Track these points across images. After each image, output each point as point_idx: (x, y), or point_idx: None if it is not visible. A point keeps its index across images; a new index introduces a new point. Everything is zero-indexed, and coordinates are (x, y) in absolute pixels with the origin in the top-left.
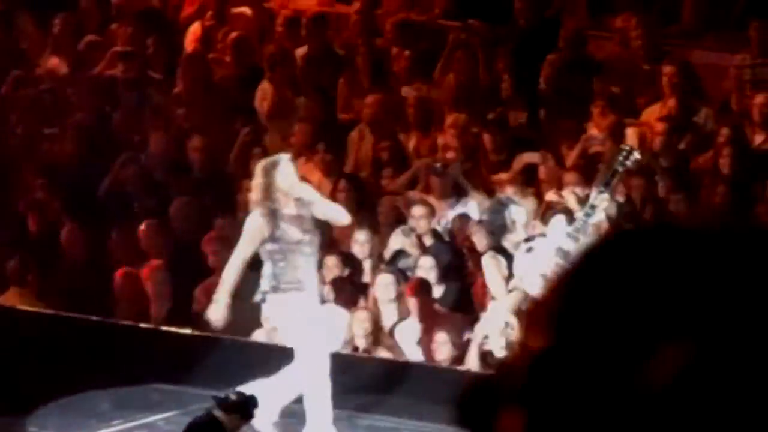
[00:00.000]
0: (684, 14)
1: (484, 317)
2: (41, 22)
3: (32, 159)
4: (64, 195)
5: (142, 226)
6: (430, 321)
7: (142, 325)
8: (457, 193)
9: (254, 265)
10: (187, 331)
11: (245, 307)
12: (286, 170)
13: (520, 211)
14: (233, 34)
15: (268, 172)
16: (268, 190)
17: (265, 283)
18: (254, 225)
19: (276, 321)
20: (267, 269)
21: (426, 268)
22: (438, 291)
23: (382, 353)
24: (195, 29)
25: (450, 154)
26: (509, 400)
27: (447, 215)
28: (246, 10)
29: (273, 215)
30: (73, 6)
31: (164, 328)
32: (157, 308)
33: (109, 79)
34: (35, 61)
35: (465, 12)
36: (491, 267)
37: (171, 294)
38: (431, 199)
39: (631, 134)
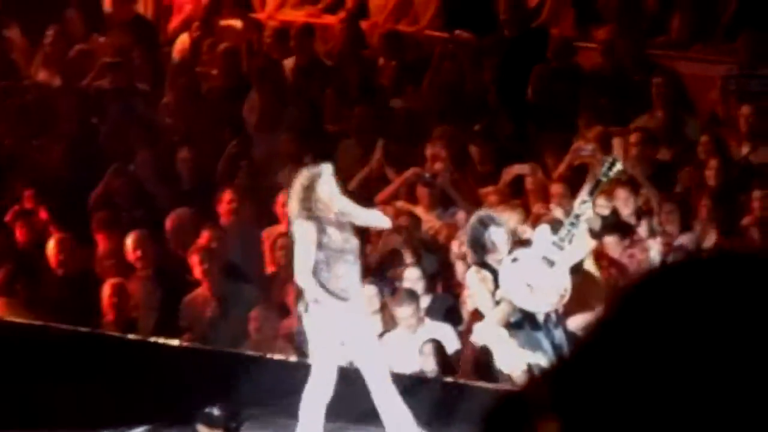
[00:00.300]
0: (672, 25)
1: (476, 329)
2: (30, 33)
3: (20, 169)
4: (52, 205)
5: (130, 237)
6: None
7: (130, 336)
8: (445, 203)
9: (242, 276)
10: (175, 342)
11: (232, 319)
12: (328, 182)
13: (499, 232)
14: (222, 45)
15: (310, 182)
16: (309, 200)
17: (309, 293)
18: (304, 230)
19: (316, 331)
20: (308, 272)
21: (413, 279)
22: (425, 301)
23: None
24: (183, 40)
25: (438, 165)
26: (544, 412)
27: (435, 225)
28: (235, 22)
29: (318, 221)
30: (59, 18)
31: (152, 339)
32: (145, 319)
33: (98, 90)
34: (24, 72)
35: (452, 23)
36: (476, 282)
37: (158, 305)
38: (419, 210)
39: (617, 145)
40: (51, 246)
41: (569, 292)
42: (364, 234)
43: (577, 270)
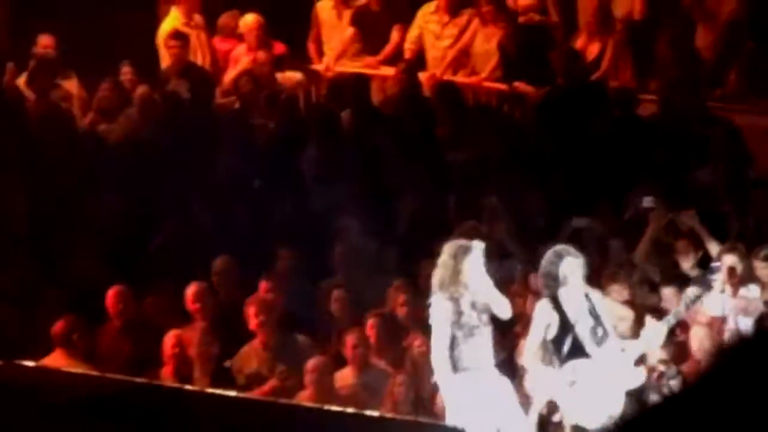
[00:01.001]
0: (728, 78)
1: (539, 380)
2: (87, 85)
3: (79, 219)
4: (110, 256)
5: (190, 289)
6: None
7: (187, 387)
8: (502, 255)
9: (299, 328)
10: (232, 393)
11: (287, 370)
12: (476, 259)
13: (574, 263)
14: (281, 96)
15: (458, 256)
16: (455, 276)
17: (443, 364)
18: (442, 309)
19: (453, 400)
20: (445, 350)
21: None
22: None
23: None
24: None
25: (494, 218)
26: None
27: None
28: (293, 74)
29: (456, 302)
30: (115, 71)
31: (209, 390)
32: (201, 370)
33: (155, 141)
34: (80, 123)
35: (510, 75)
36: (539, 315)
37: (215, 356)
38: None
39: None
40: (109, 296)
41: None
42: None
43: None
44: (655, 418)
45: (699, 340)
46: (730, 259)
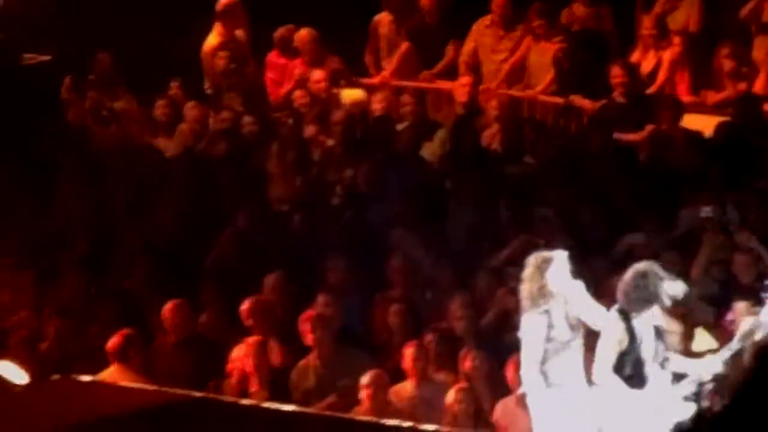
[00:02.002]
0: None
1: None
2: (142, 103)
3: (135, 234)
4: (167, 271)
5: (246, 304)
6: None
7: (244, 401)
8: None
9: (355, 342)
10: (289, 407)
11: (344, 385)
12: (560, 269)
13: (677, 286)
14: (339, 114)
15: (541, 269)
16: (543, 288)
17: (533, 379)
18: (533, 325)
19: (540, 416)
20: (536, 366)
21: None
22: None
23: None
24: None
25: (548, 230)
26: None
27: None
28: (357, 92)
29: (548, 314)
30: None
31: (265, 404)
32: (258, 384)
33: (210, 157)
34: (138, 141)
35: (566, 88)
36: (607, 330)
37: (271, 370)
38: None
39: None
40: (167, 311)
41: None
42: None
43: None
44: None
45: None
46: None
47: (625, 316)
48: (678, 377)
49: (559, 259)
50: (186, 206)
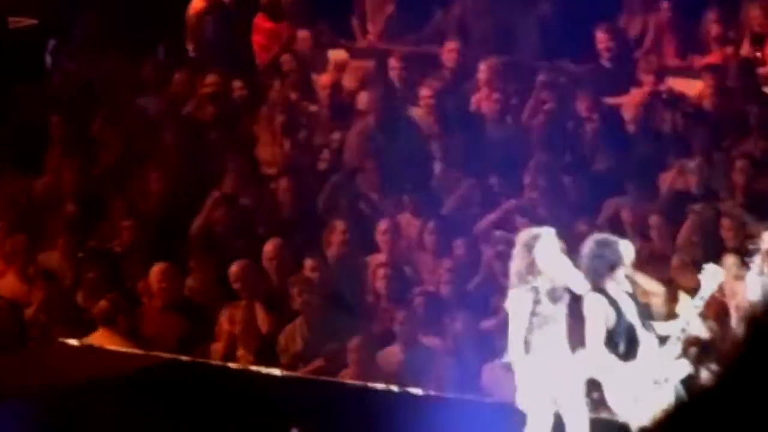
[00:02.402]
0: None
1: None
2: (131, 62)
3: (122, 198)
4: (154, 234)
5: (233, 267)
6: None
7: (231, 365)
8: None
9: (343, 306)
10: (276, 372)
11: (331, 349)
12: (548, 246)
13: (629, 246)
14: (324, 77)
15: (529, 246)
16: (531, 265)
17: (515, 347)
18: (520, 301)
19: (525, 384)
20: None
21: None
22: None
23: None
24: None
25: (534, 195)
26: None
27: None
28: (337, 52)
29: (535, 291)
30: (154, 51)
31: (253, 368)
32: (246, 348)
33: (198, 120)
34: (125, 100)
35: (551, 52)
36: (594, 310)
37: (258, 335)
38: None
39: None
40: (152, 275)
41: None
42: None
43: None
44: (692, 411)
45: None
46: None
47: (601, 291)
48: (662, 339)
49: (547, 235)
50: (173, 169)
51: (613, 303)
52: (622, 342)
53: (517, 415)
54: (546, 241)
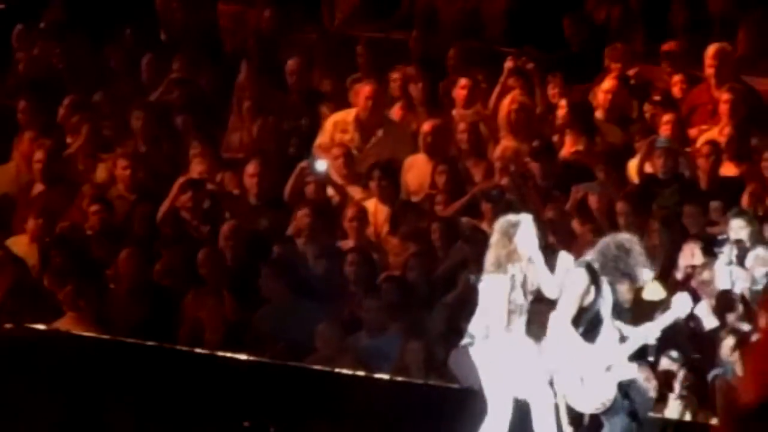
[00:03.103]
0: (739, 42)
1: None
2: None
3: (89, 184)
4: (121, 220)
5: (201, 253)
6: None
7: (198, 350)
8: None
9: (311, 292)
10: (242, 356)
11: (298, 334)
12: (527, 233)
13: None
14: (291, 62)
15: (508, 233)
16: (511, 254)
17: (476, 329)
18: (496, 287)
19: (486, 364)
20: (479, 316)
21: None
22: None
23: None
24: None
25: (505, 181)
26: None
27: None
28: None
29: (512, 279)
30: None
31: (220, 353)
32: (212, 333)
33: (165, 105)
34: (92, 87)
35: (520, 39)
36: (576, 282)
37: (225, 320)
38: (484, 226)
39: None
40: (121, 259)
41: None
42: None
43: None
44: None
45: (705, 315)
46: (737, 223)
47: (593, 272)
48: (623, 338)
49: (525, 222)
50: (141, 153)
51: (597, 287)
52: (586, 326)
53: (482, 400)
54: (525, 227)
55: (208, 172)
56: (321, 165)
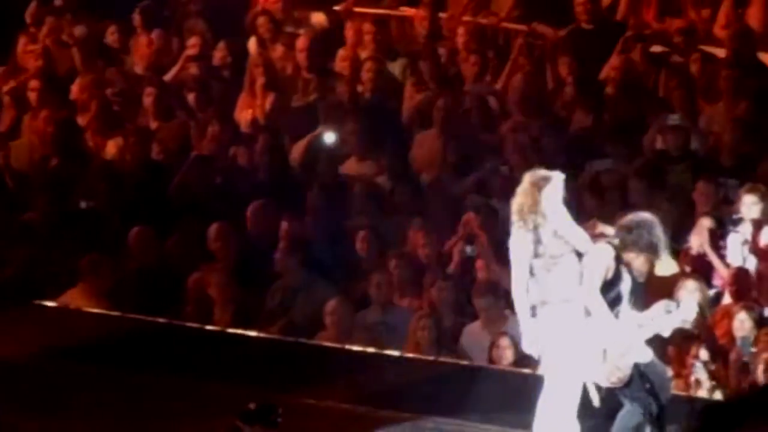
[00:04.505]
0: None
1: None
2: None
3: (100, 160)
4: (133, 197)
5: (212, 228)
6: (496, 325)
7: (208, 327)
8: None
9: (323, 268)
10: (253, 333)
11: (309, 311)
12: (555, 190)
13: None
14: (303, 39)
15: (538, 185)
16: (534, 205)
17: (533, 297)
18: (518, 243)
19: (545, 334)
20: (533, 283)
21: (497, 270)
22: None
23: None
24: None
25: (515, 157)
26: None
27: None
28: (316, 14)
29: (535, 230)
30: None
31: (230, 330)
32: (222, 310)
33: (180, 82)
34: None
35: (530, 15)
36: (596, 255)
37: (235, 297)
38: (494, 202)
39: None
40: (131, 237)
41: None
42: None
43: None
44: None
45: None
46: (749, 199)
47: (616, 249)
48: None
49: (557, 179)
50: (153, 130)
51: (618, 263)
52: (608, 303)
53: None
54: (555, 185)
55: (219, 149)
56: (330, 137)
